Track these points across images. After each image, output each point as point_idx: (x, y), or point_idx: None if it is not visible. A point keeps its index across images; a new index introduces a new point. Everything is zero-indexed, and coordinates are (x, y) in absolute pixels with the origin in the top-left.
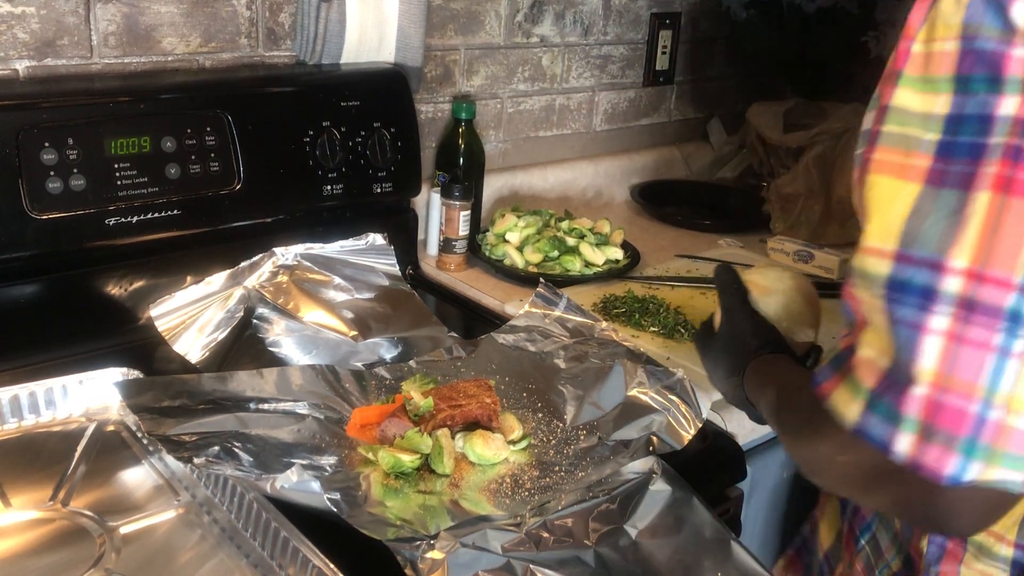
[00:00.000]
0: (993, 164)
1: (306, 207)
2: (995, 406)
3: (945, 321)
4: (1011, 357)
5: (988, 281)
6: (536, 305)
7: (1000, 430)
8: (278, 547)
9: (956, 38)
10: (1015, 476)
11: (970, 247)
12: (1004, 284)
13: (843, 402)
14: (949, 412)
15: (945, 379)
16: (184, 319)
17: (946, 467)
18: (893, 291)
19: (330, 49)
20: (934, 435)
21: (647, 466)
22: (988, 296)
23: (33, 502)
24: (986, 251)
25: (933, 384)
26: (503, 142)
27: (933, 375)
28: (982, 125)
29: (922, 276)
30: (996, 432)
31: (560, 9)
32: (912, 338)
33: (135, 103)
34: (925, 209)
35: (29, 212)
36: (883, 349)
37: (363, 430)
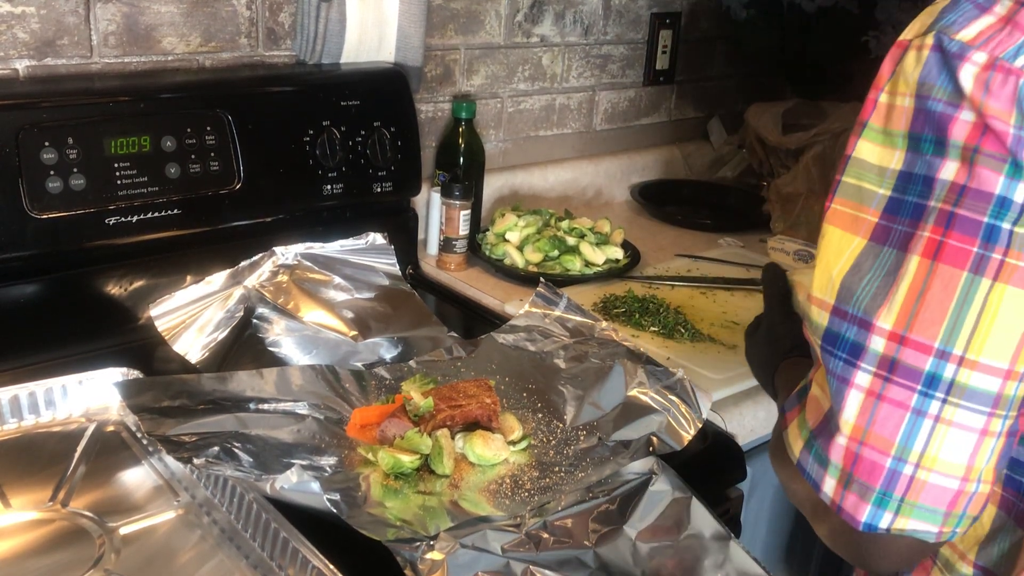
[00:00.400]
0: (927, 228)
1: (306, 207)
2: (908, 462)
3: (868, 378)
4: (926, 417)
5: (909, 344)
6: (536, 305)
7: (912, 484)
8: (278, 548)
9: (912, 95)
10: (927, 527)
11: (896, 309)
12: (924, 348)
13: (793, 436)
14: (865, 464)
15: (863, 432)
16: (184, 319)
17: (861, 514)
18: (828, 343)
19: (330, 49)
20: (852, 483)
21: (647, 466)
22: (908, 358)
23: (33, 503)
24: (910, 315)
25: (852, 437)
26: (503, 142)
27: (853, 428)
28: (925, 187)
29: (852, 333)
30: (908, 486)
31: (560, 9)
32: (840, 390)
33: (135, 103)
34: (865, 265)
35: (29, 212)
36: (825, 392)
37: (363, 430)
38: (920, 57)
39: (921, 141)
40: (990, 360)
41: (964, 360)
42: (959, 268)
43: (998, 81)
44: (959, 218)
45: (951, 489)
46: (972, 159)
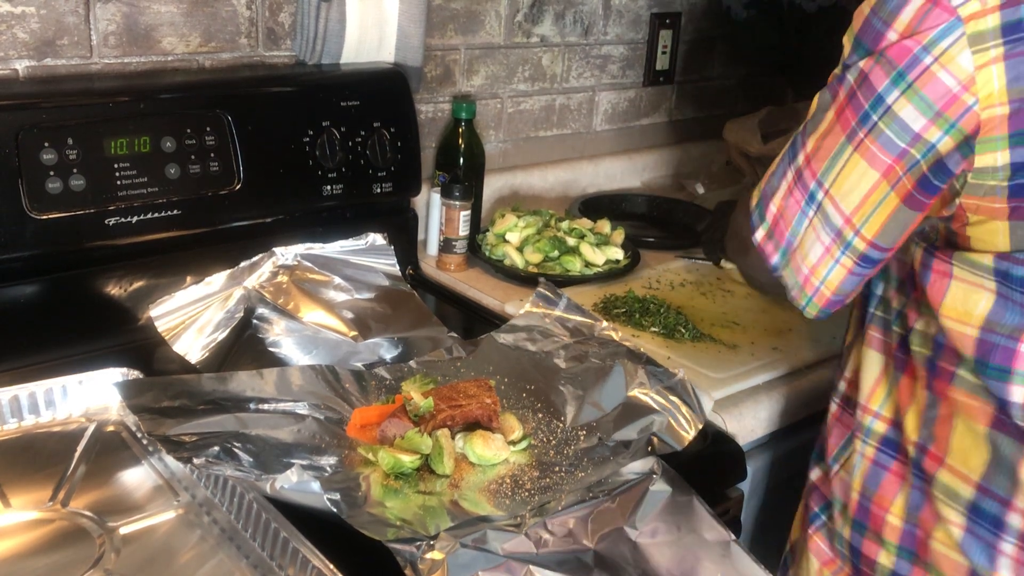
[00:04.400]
0: (841, 96)
1: (306, 207)
2: (795, 240)
3: (790, 176)
4: (806, 218)
5: (809, 167)
6: (536, 305)
7: (793, 255)
8: (278, 547)
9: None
10: (792, 285)
11: (812, 140)
12: (813, 174)
13: (754, 192)
14: (779, 230)
15: (782, 211)
16: (184, 319)
17: (770, 260)
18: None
19: (330, 49)
20: (772, 238)
21: (647, 466)
22: (806, 176)
23: (33, 502)
24: (816, 148)
25: (776, 212)
26: (503, 142)
27: (778, 206)
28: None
29: (796, 141)
30: (792, 254)
31: (560, 9)
32: (779, 174)
33: (135, 103)
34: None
35: (29, 212)
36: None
37: (363, 430)
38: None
39: (859, 45)
40: (840, 203)
41: (828, 193)
42: (842, 131)
43: (933, 15)
44: (855, 97)
45: (804, 273)
46: (877, 60)
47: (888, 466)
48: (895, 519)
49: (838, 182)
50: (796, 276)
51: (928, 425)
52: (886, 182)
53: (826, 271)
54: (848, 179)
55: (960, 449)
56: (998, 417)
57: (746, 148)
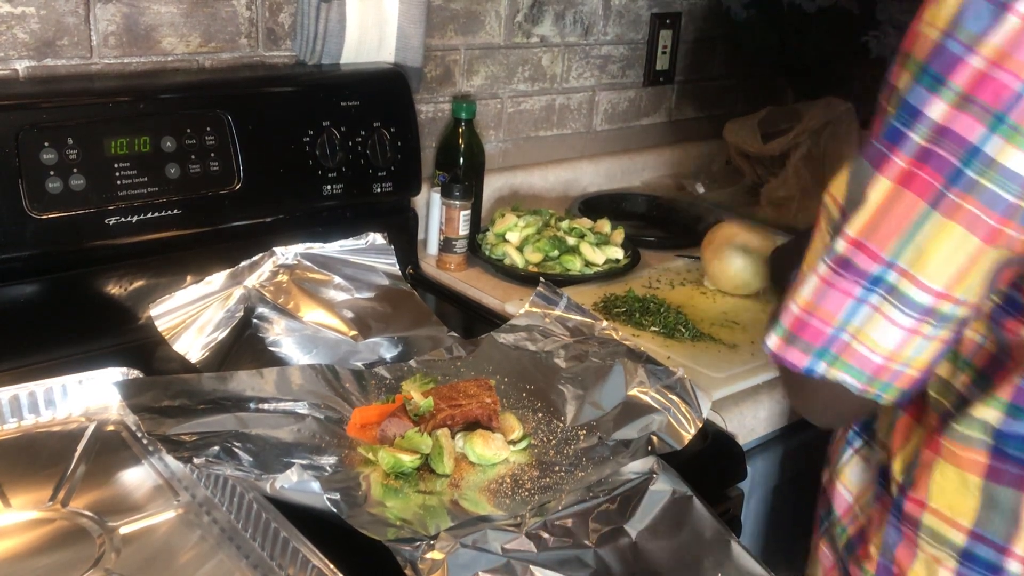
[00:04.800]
0: (903, 158)
1: (306, 207)
2: (847, 332)
3: (825, 270)
4: (866, 305)
5: (864, 250)
6: (536, 304)
7: (846, 348)
8: (278, 547)
9: (941, 30)
10: (853, 381)
11: (862, 222)
12: (875, 257)
13: None
14: (811, 329)
15: (813, 307)
16: (184, 319)
17: (803, 363)
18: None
19: (330, 49)
20: (796, 342)
21: (647, 466)
22: (861, 262)
23: (33, 502)
24: (871, 228)
25: (803, 308)
26: (503, 142)
27: (805, 302)
28: (911, 116)
29: (831, 235)
30: (843, 348)
31: (560, 9)
32: (807, 274)
33: (135, 103)
34: (854, 172)
35: (29, 212)
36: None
37: (363, 430)
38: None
39: (926, 75)
40: (928, 281)
41: (906, 273)
42: (921, 199)
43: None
44: (933, 157)
45: (876, 362)
46: (962, 106)
47: (880, 497)
48: (873, 550)
49: (922, 259)
50: (861, 369)
51: (910, 471)
52: (993, 248)
53: (913, 351)
54: (938, 253)
55: (943, 494)
56: (994, 467)
57: (746, 148)
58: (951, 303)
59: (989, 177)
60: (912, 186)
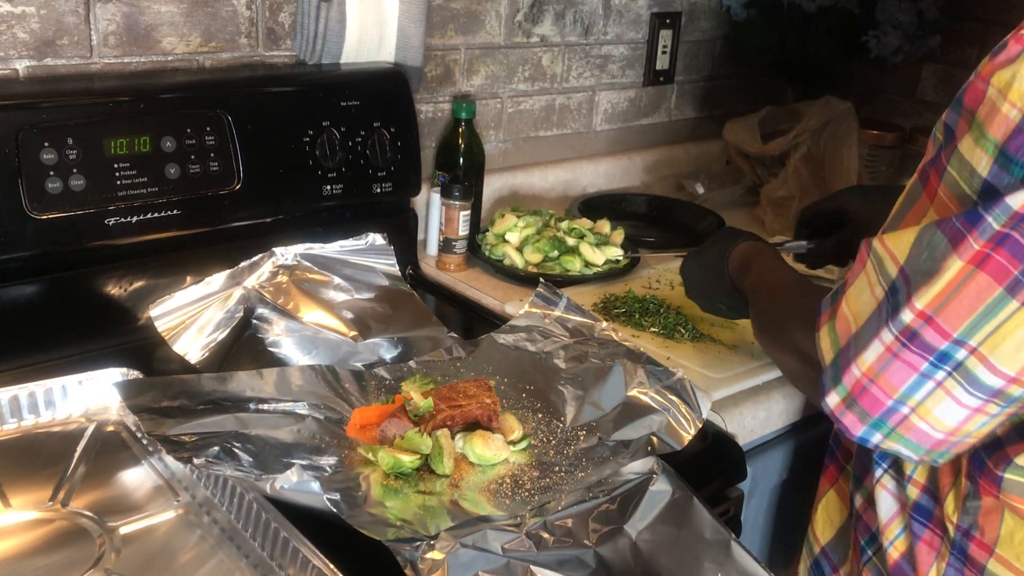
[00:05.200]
0: (980, 241)
1: (306, 207)
2: (907, 405)
3: (890, 338)
4: (931, 380)
5: (933, 325)
6: (536, 305)
7: (905, 421)
8: (278, 547)
9: (1021, 110)
10: (909, 453)
11: (931, 296)
12: (944, 334)
13: (824, 344)
14: (870, 397)
15: (876, 374)
16: (184, 319)
17: (857, 430)
18: (884, 294)
19: (330, 49)
20: (854, 406)
21: (647, 466)
22: (928, 336)
23: (33, 502)
24: (941, 304)
25: (865, 374)
26: (503, 142)
27: (868, 368)
28: (991, 201)
29: (897, 297)
30: (901, 421)
31: (560, 9)
32: (870, 336)
33: (135, 103)
34: (925, 242)
35: (29, 212)
36: (858, 314)
37: (363, 430)
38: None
39: (1012, 163)
40: (999, 364)
41: (976, 352)
42: (997, 283)
43: None
44: (1012, 240)
45: (936, 438)
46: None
47: (920, 535)
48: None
49: (995, 340)
50: (919, 443)
51: (971, 513)
52: None
53: (976, 427)
54: (1012, 338)
55: (1011, 542)
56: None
57: (746, 148)
58: (1020, 387)
59: None
60: (987, 267)
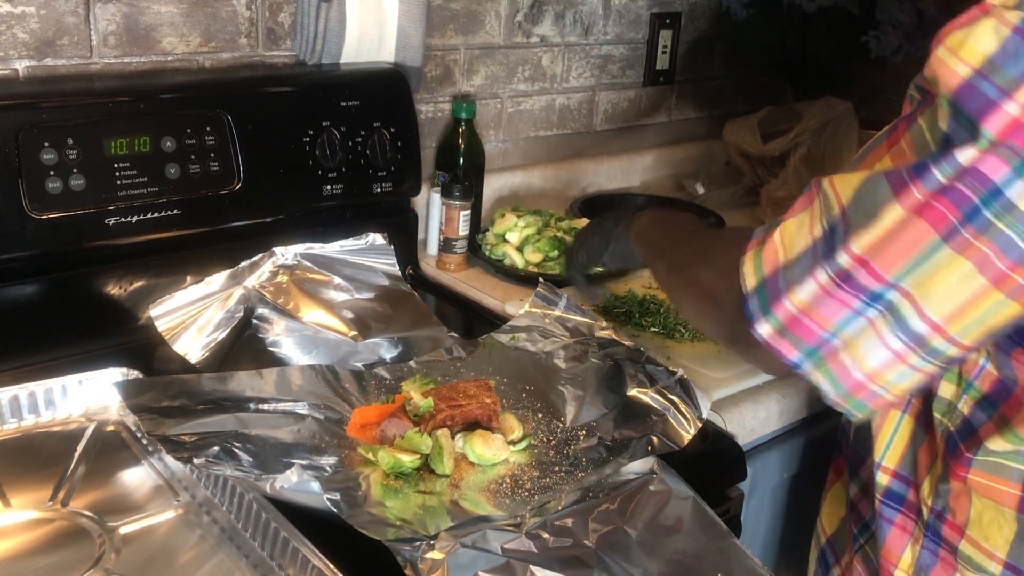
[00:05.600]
0: (921, 191)
1: (306, 207)
2: (839, 338)
3: (824, 278)
4: (862, 318)
5: (867, 269)
6: (536, 305)
7: (834, 354)
8: (278, 547)
9: (972, 67)
10: (829, 390)
11: (867, 242)
12: (878, 277)
13: (747, 269)
14: (804, 328)
15: (810, 310)
16: (184, 319)
17: (791, 356)
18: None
19: (330, 49)
20: (787, 335)
21: (647, 466)
22: (862, 278)
23: (33, 502)
24: (876, 249)
25: (799, 309)
26: (503, 142)
27: (802, 304)
28: (940, 153)
29: (835, 237)
30: (831, 353)
31: (560, 9)
32: (803, 272)
33: (135, 103)
34: (869, 187)
35: (29, 212)
36: (790, 247)
37: (363, 430)
38: (999, 32)
39: (961, 117)
40: (927, 309)
41: (908, 295)
42: (934, 230)
43: None
44: (955, 190)
45: (856, 378)
46: (991, 149)
47: (892, 520)
48: (902, 574)
49: (925, 286)
50: (839, 380)
51: (943, 496)
52: (998, 291)
53: (895, 377)
54: (942, 283)
55: (980, 524)
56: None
57: (746, 148)
58: (944, 339)
59: (1007, 222)
60: (926, 215)
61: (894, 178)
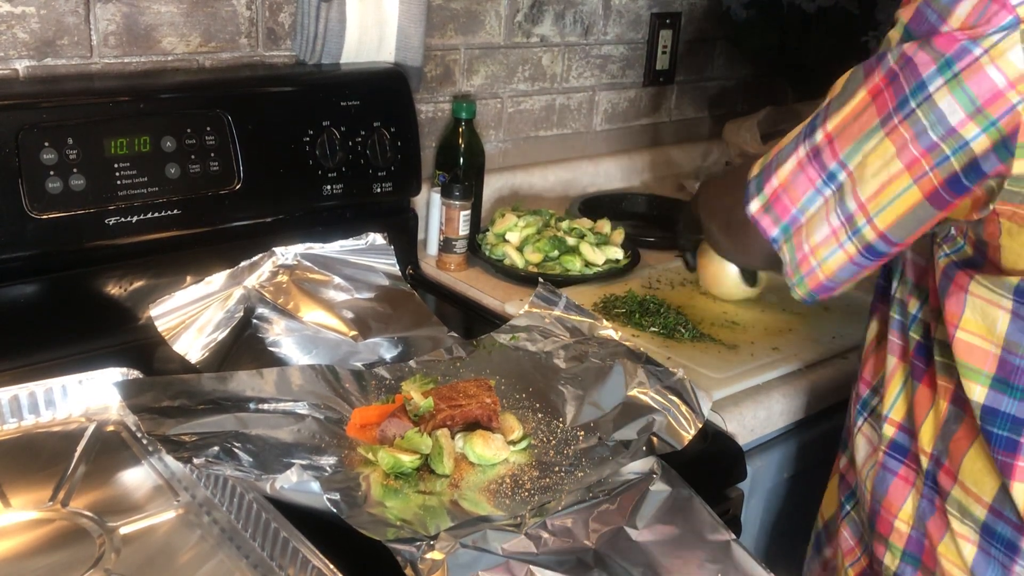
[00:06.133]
0: (880, 76)
1: (306, 207)
2: (804, 215)
3: (803, 152)
4: (820, 195)
5: (832, 146)
6: (536, 305)
7: (798, 230)
8: (278, 547)
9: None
10: (786, 262)
11: (837, 120)
12: (835, 154)
13: (756, 164)
14: (782, 203)
15: (787, 184)
16: (184, 319)
17: (770, 232)
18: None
19: (330, 49)
20: (770, 211)
21: (647, 466)
22: (826, 154)
23: (33, 502)
24: (841, 128)
25: (780, 184)
26: (503, 142)
27: (783, 179)
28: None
29: (816, 119)
30: (796, 229)
31: (560, 9)
32: (790, 150)
33: (135, 103)
34: (850, 75)
35: (29, 212)
36: (787, 139)
37: (363, 430)
38: None
39: (908, 32)
40: (859, 188)
41: (851, 175)
42: (878, 114)
43: (990, 11)
44: (896, 80)
45: (804, 251)
46: (923, 46)
47: (895, 471)
48: (903, 525)
49: (862, 165)
50: (795, 252)
51: (945, 439)
52: (908, 175)
53: (827, 253)
54: (872, 164)
55: (972, 470)
56: None
57: (746, 148)
58: (865, 218)
59: (925, 113)
60: (875, 102)
61: (867, 67)
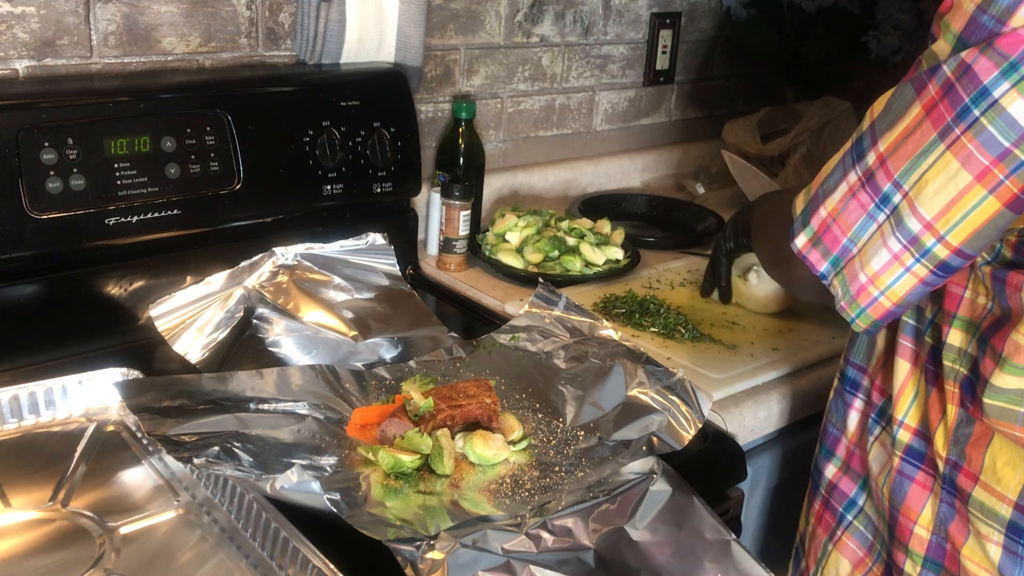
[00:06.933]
0: (935, 87)
1: (306, 207)
2: (856, 245)
3: (854, 179)
4: (874, 222)
5: (884, 167)
6: (536, 305)
7: (850, 262)
8: (278, 547)
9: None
10: (840, 296)
11: (891, 139)
12: (889, 175)
13: (799, 200)
14: (831, 235)
15: (837, 214)
16: (184, 319)
17: (820, 267)
18: (856, 142)
19: (330, 49)
20: (819, 244)
21: (647, 466)
22: (879, 176)
23: (33, 502)
24: (895, 147)
25: (830, 213)
26: (503, 142)
27: (832, 208)
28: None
29: (864, 143)
30: (848, 261)
31: (560, 9)
32: (838, 178)
33: (135, 103)
34: (898, 94)
35: (29, 212)
36: (829, 165)
37: (363, 430)
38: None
39: (962, 43)
40: (920, 207)
41: (907, 196)
42: (934, 128)
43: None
44: (953, 91)
45: (861, 282)
46: (984, 50)
47: (912, 476)
48: (922, 531)
49: (921, 184)
50: (849, 285)
51: (960, 443)
52: (981, 186)
53: (891, 280)
54: (934, 181)
55: (994, 468)
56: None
57: (746, 148)
58: (934, 237)
59: (991, 119)
60: (930, 117)
61: (916, 81)
